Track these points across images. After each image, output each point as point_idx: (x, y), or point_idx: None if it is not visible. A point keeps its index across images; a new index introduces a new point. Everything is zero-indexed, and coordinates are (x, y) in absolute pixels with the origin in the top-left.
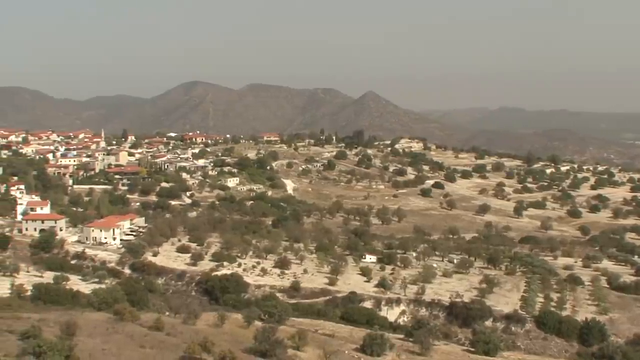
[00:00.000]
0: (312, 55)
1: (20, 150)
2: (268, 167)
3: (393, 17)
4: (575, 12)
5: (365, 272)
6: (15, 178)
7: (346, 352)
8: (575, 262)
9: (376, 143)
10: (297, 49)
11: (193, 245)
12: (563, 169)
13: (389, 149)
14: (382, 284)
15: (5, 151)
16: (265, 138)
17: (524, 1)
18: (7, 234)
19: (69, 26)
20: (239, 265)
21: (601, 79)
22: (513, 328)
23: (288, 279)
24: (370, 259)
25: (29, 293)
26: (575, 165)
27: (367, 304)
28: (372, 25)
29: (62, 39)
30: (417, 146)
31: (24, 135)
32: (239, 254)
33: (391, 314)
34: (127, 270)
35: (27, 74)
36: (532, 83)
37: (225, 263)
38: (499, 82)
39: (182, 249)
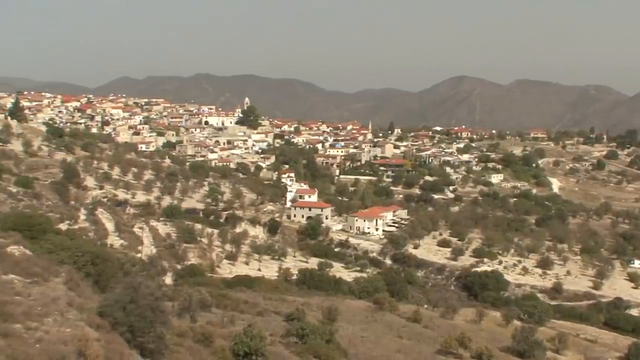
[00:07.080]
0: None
1: (292, 140)
2: (534, 165)
3: None
4: None
5: (633, 278)
6: (286, 166)
7: (609, 359)
8: None
9: None
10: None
11: (454, 239)
12: None
13: None
14: None
15: (279, 140)
16: (531, 134)
17: None
18: (277, 219)
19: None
20: (500, 262)
21: None
22: None
23: (550, 280)
24: (639, 264)
25: (294, 277)
26: None
27: (634, 312)
28: None
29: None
30: None
31: (296, 125)
32: (500, 251)
33: None
34: (388, 261)
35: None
36: None
37: (485, 259)
38: None
39: (443, 243)
